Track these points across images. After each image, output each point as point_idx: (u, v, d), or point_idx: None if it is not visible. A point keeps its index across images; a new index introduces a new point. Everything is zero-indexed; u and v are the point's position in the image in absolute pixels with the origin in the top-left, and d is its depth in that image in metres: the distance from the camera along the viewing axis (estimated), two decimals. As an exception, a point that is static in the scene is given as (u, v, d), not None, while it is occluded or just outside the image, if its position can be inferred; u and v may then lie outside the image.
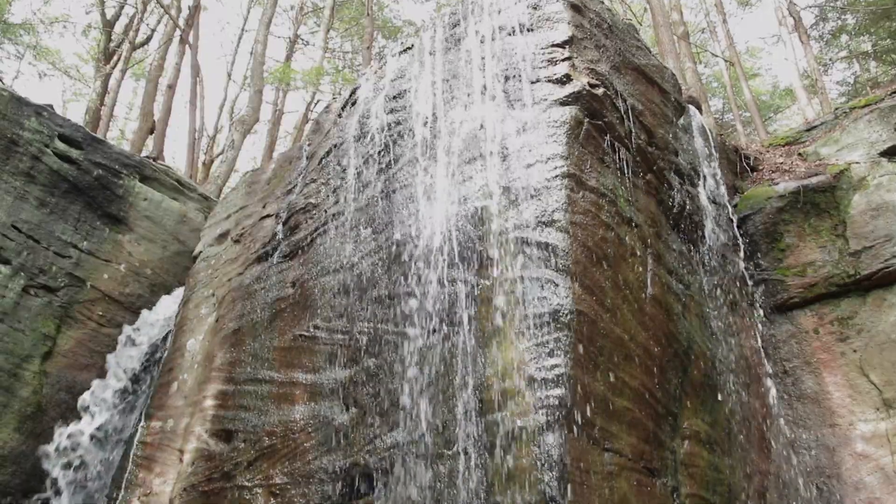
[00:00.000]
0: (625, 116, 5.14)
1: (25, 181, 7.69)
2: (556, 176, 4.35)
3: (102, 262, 8.11)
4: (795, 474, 5.55)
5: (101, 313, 7.91)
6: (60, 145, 8.04)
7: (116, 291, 8.10)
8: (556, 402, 3.60)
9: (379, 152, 5.42)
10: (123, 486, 5.99)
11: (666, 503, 4.16)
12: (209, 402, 5.55)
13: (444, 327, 4.11)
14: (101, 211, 8.22)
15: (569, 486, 3.46)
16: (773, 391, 5.85)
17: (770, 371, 5.93)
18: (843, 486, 5.48)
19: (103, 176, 8.27)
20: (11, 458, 6.92)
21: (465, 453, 3.72)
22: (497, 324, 3.93)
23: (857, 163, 6.66)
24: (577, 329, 3.83)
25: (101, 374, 7.52)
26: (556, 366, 3.69)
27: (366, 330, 4.63)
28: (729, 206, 6.40)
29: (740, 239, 6.35)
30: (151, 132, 13.25)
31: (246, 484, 4.83)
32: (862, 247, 6.10)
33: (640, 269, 4.64)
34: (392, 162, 5.28)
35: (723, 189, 6.33)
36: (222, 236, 7.17)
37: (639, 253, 4.69)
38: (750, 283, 6.21)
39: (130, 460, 6.13)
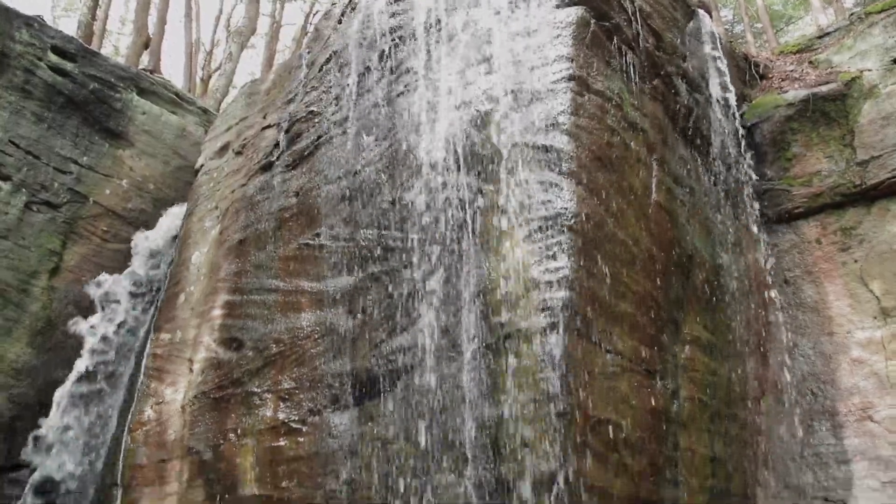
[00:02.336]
0: (632, 18, 4.98)
1: (21, 96, 7.56)
2: (562, 79, 4.26)
3: (103, 177, 8.06)
4: (791, 380, 5.67)
5: (105, 229, 7.92)
6: (53, 58, 7.85)
7: (119, 207, 8.09)
8: (559, 304, 3.65)
9: (380, 58, 5.30)
10: (136, 396, 6.15)
11: (666, 404, 4.27)
12: (216, 313, 5.64)
13: (448, 232, 4.12)
14: (99, 125, 8.11)
15: (570, 385, 3.54)
16: (774, 300, 5.90)
17: (771, 280, 5.97)
18: (837, 391, 5.60)
19: (99, 89, 8.12)
20: (26, 371, 7.07)
21: (470, 355, 3.79)
22: (501, 227, 3.93)
23: (869, 70, 6.48)
24: (580, 232, 3.84)
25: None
26: (560, 268, 3.71)
27: (370, 237, 4.65)
28: (737, 115, 6.29)
29: (747, 148, 6.27)
30: (146, 47, 12.91)
31: (255, 390, 4.95)
32: (869, 156, 6.01)
33: (645, 174, 4.60)
34: (394, 67, 5.17)
35: (731, 96, 6.20)
36: (223, 149, 7.11)
37: (644, 158, 4.64)
38: (755, 192, 6.17)
39: (142, 372, 6.27)
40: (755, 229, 6.02)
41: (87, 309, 7.40)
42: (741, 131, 6.28)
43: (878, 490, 5.16)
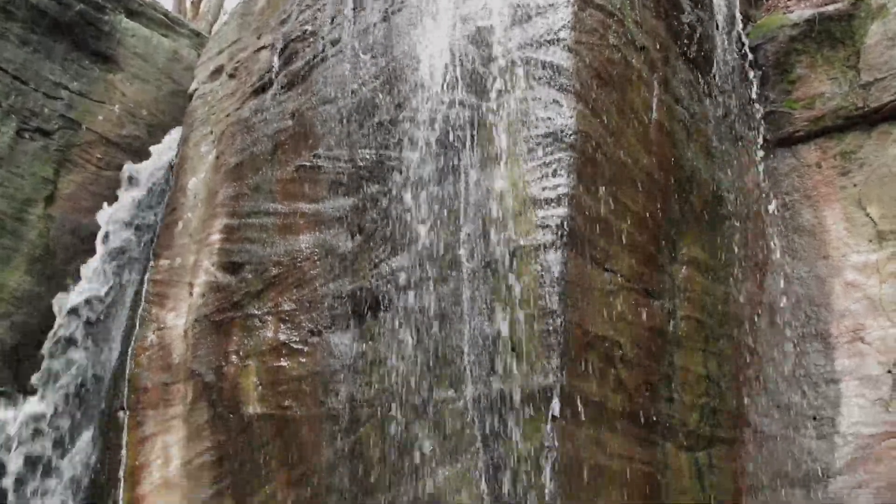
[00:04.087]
0: (636, -70, 4.81)
1: (3, 18, 7.33)
2: (563, -8, 4.15)
3: (95, 103, 7.91)
4: (786, 303, 5.73)
5: (99, 156, 7.83)
6: (34, -21, 7.60)
7: (113, 133, 7.97)
8: (558, 222, 3.66)
9: (376, -28, 5.16)
10: (138, 322, 6.22)
11: (662, 323, 4.34)
12: (215, 237, 5.66)
13: (447, 150, 4.10)
14: (88, 49, 7.91)
15: (568, 302, 3.58)
16: (771, 223, 5.91)
17: (769, 203, 5.97)
18: (830, 314, 5.66)
19: (86, 11, 7.88)
20: (26, 300, 7.09)
21: (468, 273, 3.82)
22: (500, 145, 3.92)
23: (878, -12, 6.31)
24: (580, 149, 3.82)
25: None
26: (559, 185, 3.71)
27: (368, 157, 4.63)
28: (741, 35, 6.15)
29: (749, 69, 6.16)
30: (133, -30, 12.48)
31: (255, 312, 5.02)
32: (874, 78, 5.90)
33: (646, 93, 4.54)
34: (390, -18, 5.04)
35: (735, 16, 6.06)
36: (216, 72, 6.98)
37: (645, 77, 4.57)
38: (756, 115, 6.10)
39: (143, 298, 6.32)
40: (755, 152, 5.98)
41: (84, 236, 7.40)
42: (745, 52, 6.15)
43: (866, 408, 5.28)
